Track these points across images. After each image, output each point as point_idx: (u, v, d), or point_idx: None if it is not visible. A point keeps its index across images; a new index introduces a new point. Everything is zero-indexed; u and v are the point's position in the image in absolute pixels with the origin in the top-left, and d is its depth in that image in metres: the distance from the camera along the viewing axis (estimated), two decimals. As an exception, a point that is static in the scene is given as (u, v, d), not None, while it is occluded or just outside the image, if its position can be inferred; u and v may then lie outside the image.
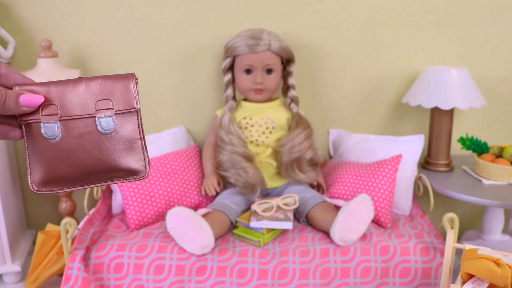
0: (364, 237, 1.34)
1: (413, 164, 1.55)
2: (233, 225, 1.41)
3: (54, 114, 0.43)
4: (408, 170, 1.53)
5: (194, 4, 1.63)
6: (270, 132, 1.52)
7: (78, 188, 0.45)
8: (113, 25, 1.63)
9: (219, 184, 1.54)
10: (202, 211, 1.37)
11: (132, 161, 0.45)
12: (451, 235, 1.10)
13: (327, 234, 1.36)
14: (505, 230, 1.83)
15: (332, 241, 1.32)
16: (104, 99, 0.44)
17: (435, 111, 1.61)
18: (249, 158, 1.47)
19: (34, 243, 1.80)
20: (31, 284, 1.52)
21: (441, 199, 1.85)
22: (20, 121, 0.44)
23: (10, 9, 1.59)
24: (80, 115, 0.43)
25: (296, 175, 1.49)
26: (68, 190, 0.45)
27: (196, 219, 1.25)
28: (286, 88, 1.60)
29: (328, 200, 1.45)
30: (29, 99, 0.42)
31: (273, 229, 1.37)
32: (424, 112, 1.77)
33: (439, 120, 1.61)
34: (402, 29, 1.68)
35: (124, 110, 0.44)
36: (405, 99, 1.64)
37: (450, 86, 1.53)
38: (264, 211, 1.37)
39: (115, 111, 0.44)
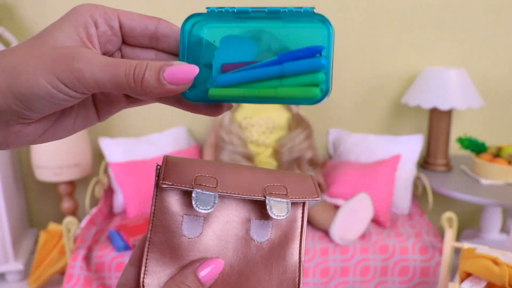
0: (363, 236, 1.35)
1: (412, 164, 1.56)
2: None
3: (212, 186, 0.31)
4: (407, 170, 1.54)
5: (194, 5, 1.64)
6: (270, 132, 1.53)
7: None
8: (114, 26, 1.64)
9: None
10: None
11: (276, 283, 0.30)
12: (450, 234, 1.12)
13: (326, 233, 1.37)
14: (503, 229, 1.85)
15: (331, 240, 1.33)
16: (276, 185, 0.33)
17: (434, 111, 1.63)
18: (249, 158, 1.48)
19: (36, 242, 1.81)
20: (33, 283, 1.53)
21: (440, 199, 1.86)
22: (160, 183, 0.30)
23: (13, 10, 1.60)
24: (244, 194, 0.31)
25: (296, 175, 1.50)
26: None
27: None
28: (286, 89, 1.60)
29: (328, 199, 1.47)
30: (178, 71, 0.27)
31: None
32: (423, 112, 1.78)
33: (437, 120, 1.62)
34: (401, 30, 1.69)
35: (300, 198, 0.32)
36: (404, 100, 1.65)
37: (448, 87, 1.54)
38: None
39: (290, 197, 0.32)
